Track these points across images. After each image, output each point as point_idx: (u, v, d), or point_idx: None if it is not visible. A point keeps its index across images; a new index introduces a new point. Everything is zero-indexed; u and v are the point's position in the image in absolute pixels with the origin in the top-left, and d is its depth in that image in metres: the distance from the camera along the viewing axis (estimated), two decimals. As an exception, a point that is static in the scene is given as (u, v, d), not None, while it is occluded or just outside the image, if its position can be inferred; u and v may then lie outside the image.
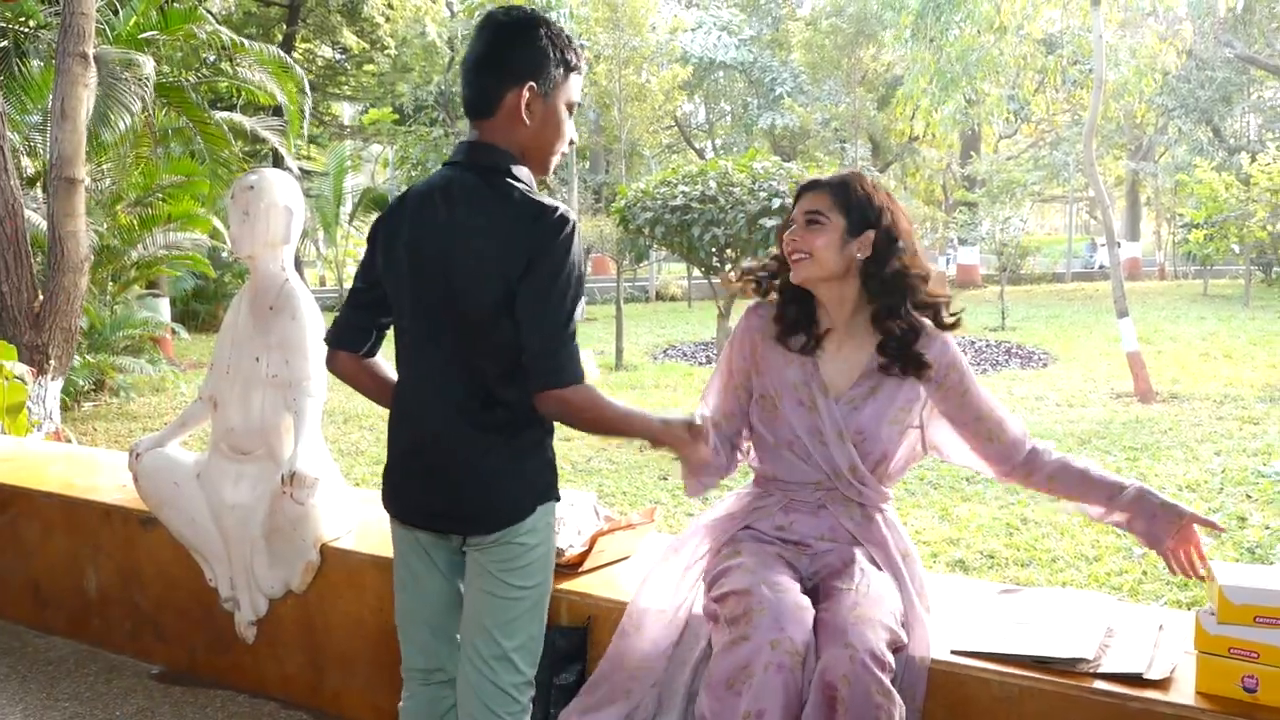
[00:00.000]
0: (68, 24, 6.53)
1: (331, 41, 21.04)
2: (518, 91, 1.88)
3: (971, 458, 2.30)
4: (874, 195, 2.20)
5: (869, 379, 2.20)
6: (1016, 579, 4.34)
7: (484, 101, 1.91)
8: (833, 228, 2.17)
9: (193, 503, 3.15)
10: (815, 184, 2.24)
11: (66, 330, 6.57)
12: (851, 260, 2.17)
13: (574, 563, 2.65)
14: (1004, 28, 13.43)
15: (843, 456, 2.18)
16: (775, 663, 1.87)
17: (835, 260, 2.17)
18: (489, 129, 1.92)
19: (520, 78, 1.87)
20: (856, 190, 2.19)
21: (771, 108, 24.88)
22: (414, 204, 1.95)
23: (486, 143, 1.91)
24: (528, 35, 1.88)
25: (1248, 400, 8.28)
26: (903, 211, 2.24)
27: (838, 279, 2.19)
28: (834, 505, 2.22)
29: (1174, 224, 27.73)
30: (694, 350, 13.27)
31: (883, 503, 2.26)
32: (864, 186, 2.20)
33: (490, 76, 1.90)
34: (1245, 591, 1.86)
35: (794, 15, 28.04)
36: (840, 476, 2.19)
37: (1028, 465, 2.24)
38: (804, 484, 2.23)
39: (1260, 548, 4.61)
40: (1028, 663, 2.05)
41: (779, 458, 2.25)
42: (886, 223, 2.18)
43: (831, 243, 2.16)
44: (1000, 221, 17.23)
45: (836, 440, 2.18)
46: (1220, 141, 26.30)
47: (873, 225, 2.17)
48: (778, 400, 2.23)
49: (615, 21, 17.13)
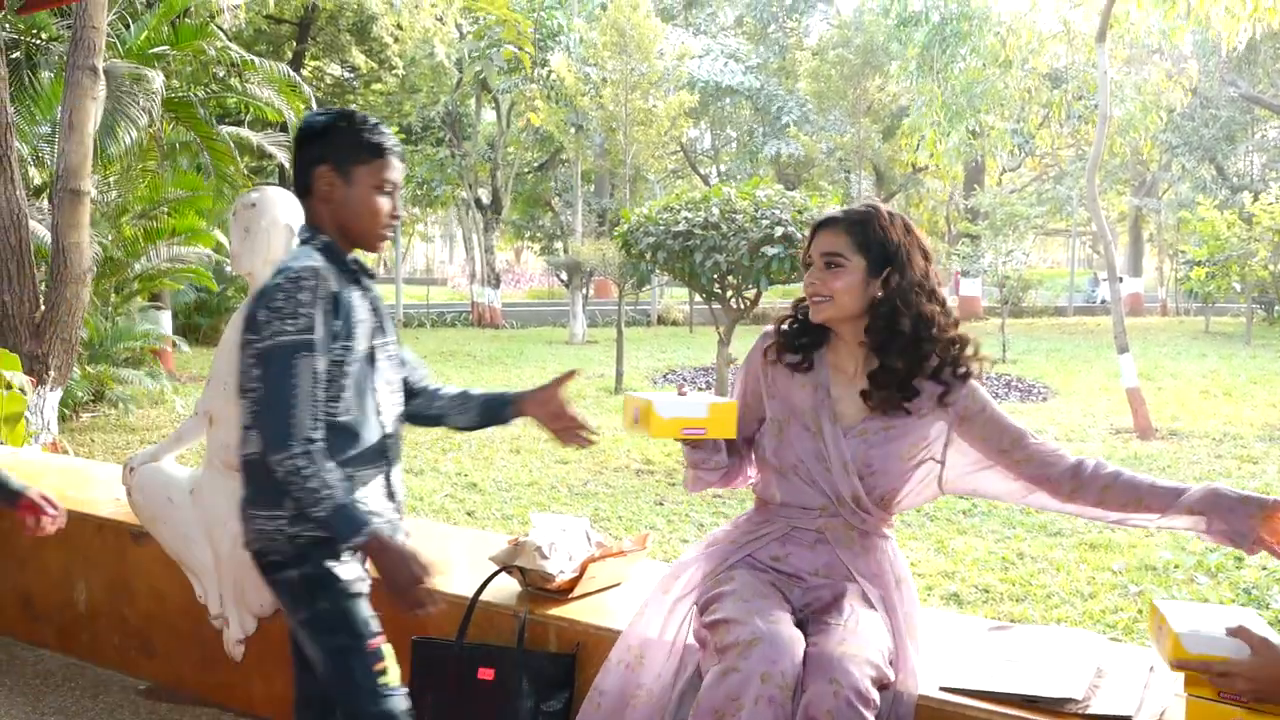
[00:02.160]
0: (79, 37, 6.58)
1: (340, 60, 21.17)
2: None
3: (1013, 486, 2.23)
4: (891, 231, 2.15)
5: (884, 413, 2.17)
6: (1011, 614, 4.32)
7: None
8: (853, 269, 2.13)
9: (186, 518, 3.14)
10: (833, 220, 2.18)
11: (67, 341, 6.59)
12: (873, 299, 2.14)
13: (564, 589, 2.64)
14: (1009, 61, 13.52)
15: (846, 485, 2.16)
16: (766, 695, 1.86)
17: (856, 304, 2.14)
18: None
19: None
20: (875, 229, 2.14)
21: (777, 136, 24.97)
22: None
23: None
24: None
25: (1247, 439, 8.26)
26: (921, 244, 2.19)
27: (856, 318, 2.17)
28: (833, 535, 2.19)
29: (1176, 261, 27.76)
30: (694, 375, 13.26)
31: (885, 529, 2.24)
32: (882, 222, 2.15)
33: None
34: (1200, 640, 1.84)
35: (801, 45, 28.20)
36: (844, 504, 2.17)
37: (1076, 477, 2.14)
38: (807, 509, 2.20)
39: (1257, 588, 4.59)
40: (1016, 701, 2.04)
41: (784, 481, 2.23)
42: (903, 261, 2.14)
43: (852, 285, 2.13)
44: (1003, 254, 17.25)
45: (841, 469, 2.16)
46: (1223, 180, 26.41)
47: (890, 262, 2.13)
48: (785, 424, 2.22)
49: (623, 46, 17.24)
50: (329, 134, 2.06)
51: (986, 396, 2.21)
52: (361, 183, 2.06)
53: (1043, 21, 13.39)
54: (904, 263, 2.13)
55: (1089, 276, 34.87)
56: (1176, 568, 4.88)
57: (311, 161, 2.06)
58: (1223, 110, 24.14)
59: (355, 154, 2.04)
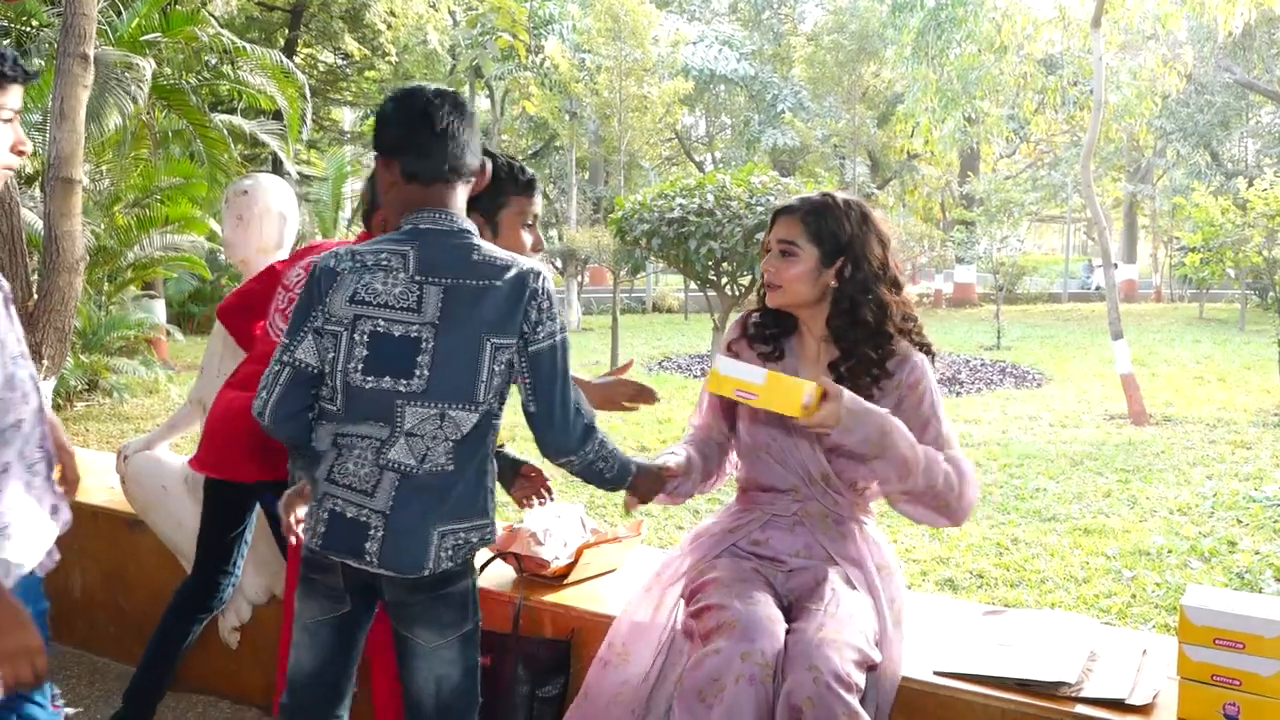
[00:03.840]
0: (69, 24, 6.52)
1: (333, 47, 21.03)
2: None
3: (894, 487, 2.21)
4: (845, 221, 2.18)
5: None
6: (1005, 599, 4.34)
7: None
8: (805, 258, 2.17)
9: (180, 506, 3.14)
10: (790, 209, 2.23)
11: (60, 330, 6.55)
12: (826, 287, 2.18)
13: (559, 574, 2.64)
14: (1005, 47, 13.50)
15: (814, 463, 2.20)
16: (746, 674, 1.87)
17: (808, 291, 2.19)
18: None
19: None
20: (828, 218, 2.18)
21: (773, 124, 24.93)
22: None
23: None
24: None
25: (1240, 424, 8.28)
26: (879, 232, 2.21)
27: (813, 304, 2.21)
28: (810, 521, 2.22)
29: (1170, 247, 27.80)
30: (689, 362, 13.27)
31: (861, 515, 2.26)
32: (836, 213, 2.18)
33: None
34: (1206, 613, 1.86)
35: (796, 31, 28.13)
36: (814, 483, 2.21)
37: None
38: (781, 491, 2.24)
39: (1250, 573, 4.61)
40: (1010, 685, 2.04)
41: (757, 460, 2.28)
42: (857, 252, 2.17)
43: (804, 274, 2.18)
44: (997, 241, 17.30)
45: (808, 446, 2.20)
46: (1218, 166, 26.42)
47: (844, 253, 2.17)
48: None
49: (617, 33, 17.18)
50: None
51: (930, 381, 2.20)
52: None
53: (1038, 7, 13.39)
54: (859, 253, 2.17)
55: (1084, 263, 34.91)
56: (1170, 552, 4.89)
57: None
58: (1218, 96, 24.11)
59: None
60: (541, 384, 1.89)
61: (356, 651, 2.03)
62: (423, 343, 1.83)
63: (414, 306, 1.84)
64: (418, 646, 1.92)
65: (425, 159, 1.90)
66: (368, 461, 1.86)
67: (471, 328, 1.84)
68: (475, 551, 1.94)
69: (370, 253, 1.89)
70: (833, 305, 2.19)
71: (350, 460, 1.88)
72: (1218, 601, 1.89)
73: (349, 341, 1.86)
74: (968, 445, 7.48)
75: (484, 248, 1.90)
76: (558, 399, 1.90)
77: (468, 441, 1.86)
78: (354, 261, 1.88)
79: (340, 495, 1.89)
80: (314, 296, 1.89)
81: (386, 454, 1.85)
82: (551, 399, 1.89)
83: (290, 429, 1.94)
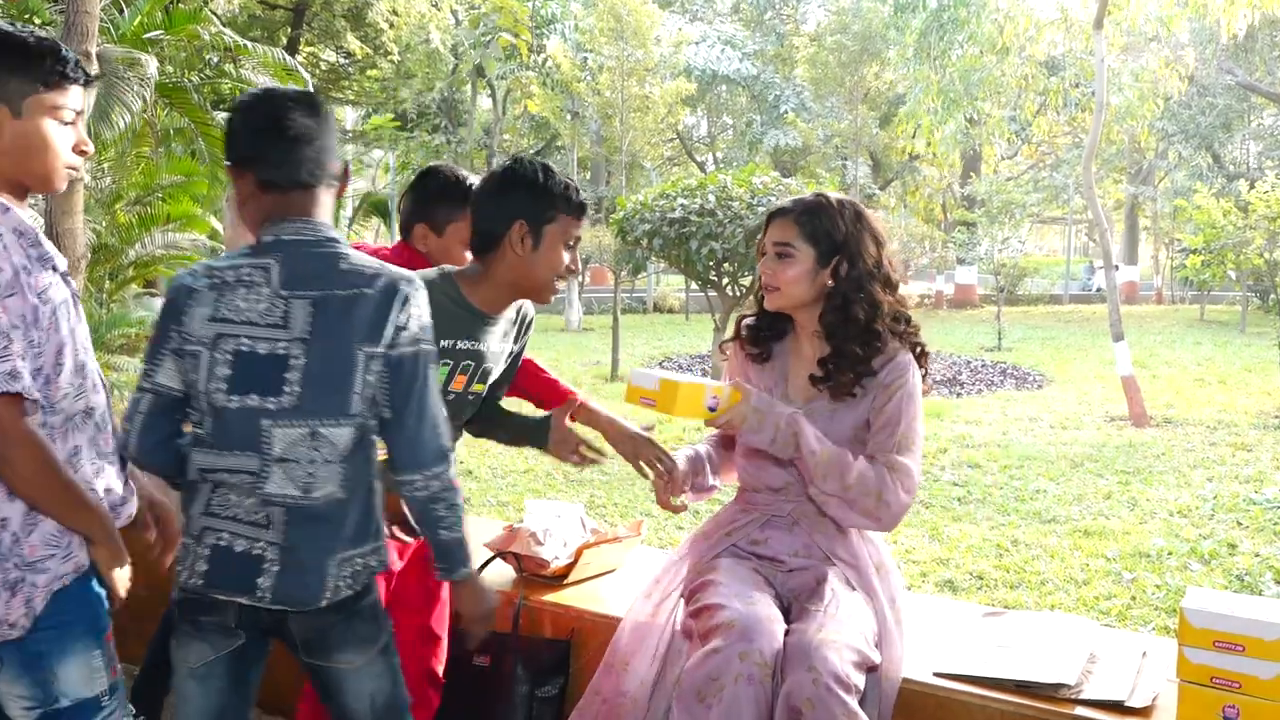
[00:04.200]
0: (72, 22, 6.52)
1: (335, 46, 21.05)
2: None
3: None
4: (839, 221, 2.19)
5: (831, 396, 2.21)
6: (1005, 601, 4.33)
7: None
8: (802, 259, 2.18)
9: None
10: (783, 211, 2.24)
11: (61, 328, 6.56)
12: (823, 286, 2.19)
13: (559, 574, 2.64)
14: (1006, 49, 13.51)
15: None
16: (745, 674, 1.88)
17: (806, 292, 2.20)
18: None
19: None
20: (823, 218, 2.19)
21: (774, 124, 24.93)
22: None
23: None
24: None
25: (1241, 427, 8.28)
26: (873, 230, 2.22)
27: (809, 305, 2.22)
28: (806, 520, 2.22)
29: (1172, 249, 27.79)
30: (690, 363, 13.27)
31: None
32: (830, 212, 2.19)
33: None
34: (1205, 615, 1.86)
35: (798, 31, 28.12)
36: (804, 483, 2.20)
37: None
38: (775, 490, 2.25)
39: (1250, 575, 4.60)
40: (1009, 687, 2.05)
41: (751, 459, 2.29)
42: (853, 250, 2.18)
43: (801, 275, 2.19)
44: (999, 242, 17.27)
45: None
46: (1219, 168, 26.39)
47: (839, 252, 2.18)
48: None
49: (619, 32, 17.16)
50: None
51: (910, 385, 2.18)
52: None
53: (1040, 8, 13.42)
54: (854, 251, 2.18)
55: (1085, 264, 34.89)
56: (1170, 554, 4.89)
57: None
58: (1219, 98, 24.09)
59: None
60: (399, 390, 1.78)
61: (253, 696, 1.92)
62: (291, 359, 1.74)
63: (280, 323, 1.74)
64: (342, 671, 1.85)
65: (280, 166, 1.79)
66: (247, 494, 1.77)
67: (344, 340, 1.75)
68: (374, 576, 1.86)
69: (229, 268, 1.78)
70: (826, 302, 2.20)
71: (232, 492, 1.78)
72: (1217, 604, 1.89)
73: (210, 360, 1.75)
74: (968, 446, 7.48)
75: (352, 256, 1.80)
76: (413, 408, 1.79)
77: (352, 462, 1.78)
78: (211, 279, 1.77)
79: (226, 529, 1.78)
80: (171, 317, 1.78)
81: (264, 488, 1.75)
82: (406, 407, 1.79)
83: (158, 459, 1.85)
